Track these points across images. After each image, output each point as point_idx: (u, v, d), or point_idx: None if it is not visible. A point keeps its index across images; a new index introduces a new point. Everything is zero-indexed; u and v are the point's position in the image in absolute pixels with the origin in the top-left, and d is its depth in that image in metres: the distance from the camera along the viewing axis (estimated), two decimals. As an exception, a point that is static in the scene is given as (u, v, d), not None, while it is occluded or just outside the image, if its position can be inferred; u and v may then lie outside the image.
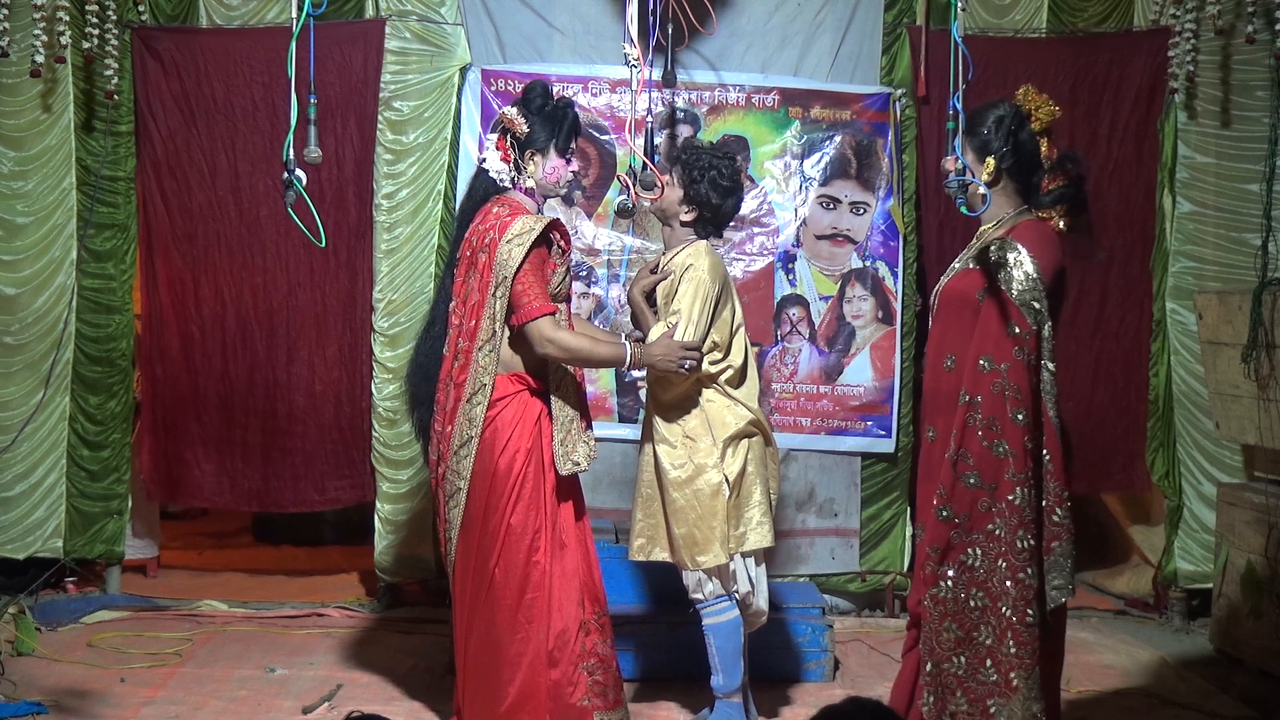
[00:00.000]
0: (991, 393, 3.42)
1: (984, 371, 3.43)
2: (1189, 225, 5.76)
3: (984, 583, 3.44)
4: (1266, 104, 5.63)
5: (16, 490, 5.63)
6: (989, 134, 3.60)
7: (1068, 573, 3.44)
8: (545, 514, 3.86)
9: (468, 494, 3.85)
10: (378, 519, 5.69)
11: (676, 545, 4.11)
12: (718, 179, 4.16)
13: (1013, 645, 3.42)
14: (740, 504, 4.11)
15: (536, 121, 3.92)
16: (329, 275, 5.71)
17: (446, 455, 3.88)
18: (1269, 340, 4.90)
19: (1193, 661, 5.18)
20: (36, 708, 4.34)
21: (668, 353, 3.98)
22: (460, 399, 3.84)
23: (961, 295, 3.57)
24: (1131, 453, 5.83)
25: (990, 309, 3.47)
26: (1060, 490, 3.44)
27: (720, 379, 4.15)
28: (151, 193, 5.70)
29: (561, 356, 3.83)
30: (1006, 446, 3.41)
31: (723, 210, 4.22)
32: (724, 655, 4.14)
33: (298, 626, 5.50)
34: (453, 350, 3.91)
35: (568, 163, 3.99)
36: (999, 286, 3.45)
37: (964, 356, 3.49)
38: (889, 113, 5.70)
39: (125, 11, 5.59)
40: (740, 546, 4.10)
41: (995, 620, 3.43)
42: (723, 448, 4.08)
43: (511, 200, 3.95)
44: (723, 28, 5.56)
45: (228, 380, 5.74)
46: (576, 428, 3.88)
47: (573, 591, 3.87)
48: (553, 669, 3.83)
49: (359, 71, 5.60)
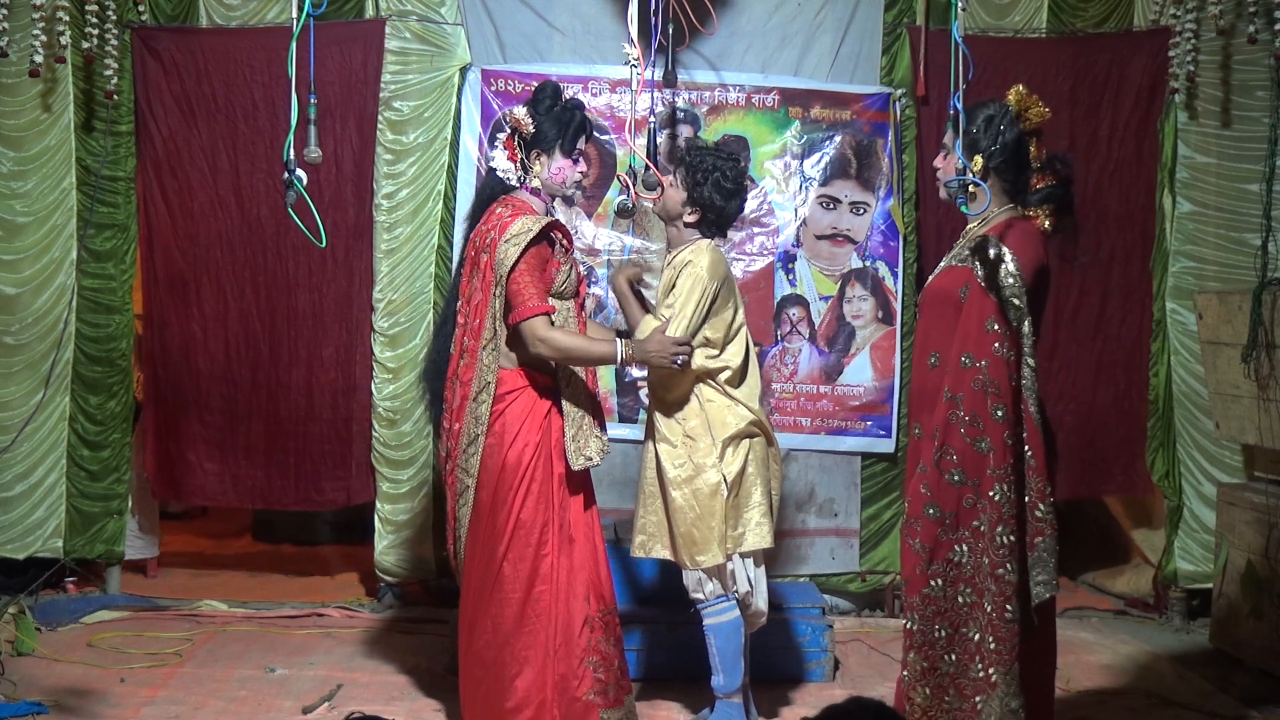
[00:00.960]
0: (973, 389, 3.42)
1: (965, 368, 3.43)
2: (1189, 225, 5.76)
3: (971, 579, 3.44)
4: (1266, 104, 5.63)
5: (16, 490, 5.63)
6: (977, 132, 3.63)
7: (1052, 568, 3.43)
8: (554, 509, 3.88)
9: (476, 490, 3.88)
10: (378, 519, 5.69)
11: (676, 544, 4.12)
12: (721, 181, 4.16)
13: (992, 641, 3.41)
14: (739, 504, 4.11)
15: (544, 122, 3.95)
16: (329, 275, 5.71)
17: (455, 453, 3.92)
18: (1269, 340, 4.90)
19: (1193, 661, 5.18)
20: (36, 708, 4.34)
21: (660, 349, 3.97)
22: (467, 397, 3.88)
23: (944, 293, 3.59)
24: (1133, 455, 5.82)
25: (971, 306, 3.48)
26: (1042, 486, 3.44)
27: (720, 378, 4.15)
28: (151, 193, 5.70)
29: (554, 355, 3.84)
30: (988, 442, 3.41)
31: (726, 212, 4.22)
32: (724, 655, 4.14)
33: (298, 626, 5.50)
34: (459, 348, 3.94)
35: (574, 163, 3.99)
36: (979, 284, 3.46)
37: (947, 354, 3.50)
38: (889, 113, 5.70)
39: (125, 11, 5.59)
40: (738, 547, 4.10)
41: (980, 616, 3.43)
42: (722, 448, 4.09)
43: (516, 200, 3.97)
44: (723, 28, 5.56)
45: (229, 380, 5.74)
46: (589, 423, 3.90)
47: (579, 586, 3.89)
48: (559, 663, 3.85)
49: (359, 71, 5.61)
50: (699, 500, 4.07)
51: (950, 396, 3.44)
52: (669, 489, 4.10)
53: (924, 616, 3.47)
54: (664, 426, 4.14)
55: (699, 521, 4.06)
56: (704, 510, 4.07)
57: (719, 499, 4.06)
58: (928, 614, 3.47)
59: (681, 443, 4.11)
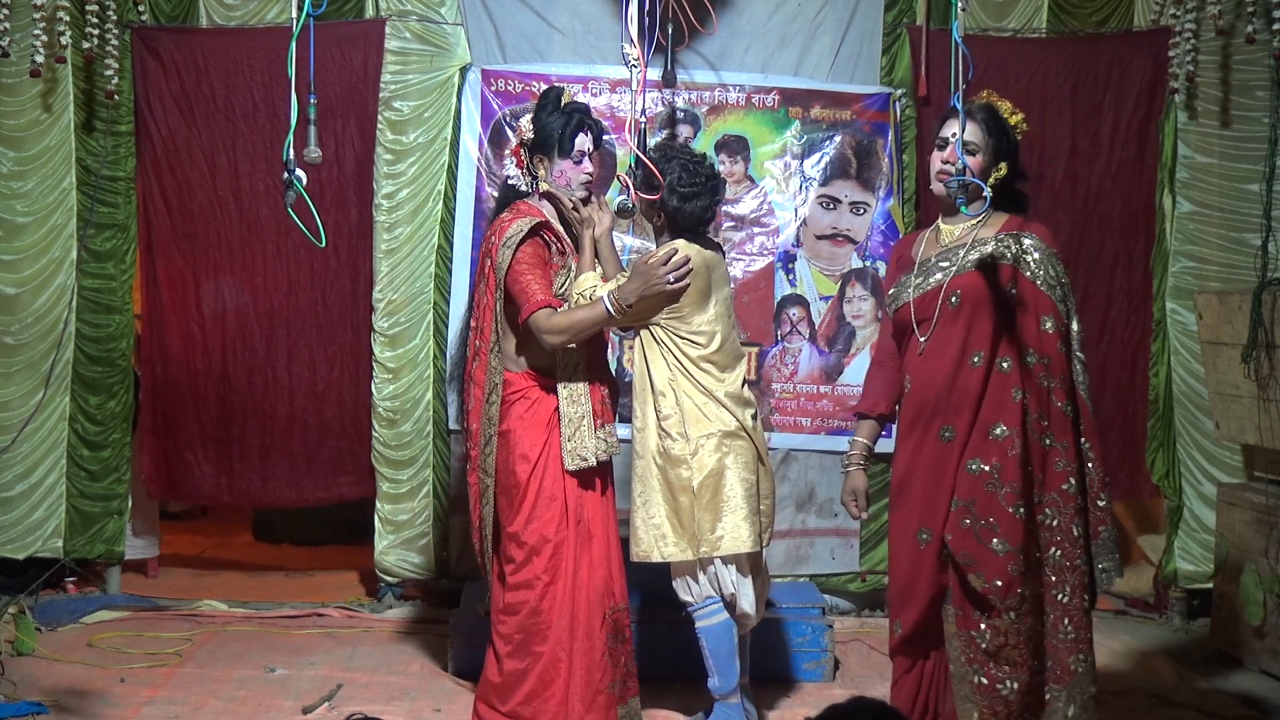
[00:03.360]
0: (1039, 387, 3.49)
1: (1030, 367, 3.49)
2: (1189, 225, 5.76)
3: (1037, 573, 3.50)
4: (1266, 104, 5.63)
5: (16, 490, 5.63)
6: (1007, 136, 3.65)
7: (1116, 556, 3.56)
8: (567, 507, 3.92)
9: (495, 489, 3.95)
10: (378, 519, 5.69)
11: (650, 535, 4.10)
12: (675, 184, 4.09)
13: (1071, 630, 3.50)
14: (717, 506, 4.05)
15: (543, 126, 3.98)
16: (329, 275, 5.71)
17: (475, 453, 4.00)
18: (1269, 340, 4.90)
19: (1193, 661, 5.18)
20: (36, 708, 4.34)
21: (645, 279, 3.91)
22: (481, 399, 3.96)
23: (984, 292, 3.54)
24: (1137, 459, 5.81)
25: (1026, 304, 3.52)
26: (1102, 476, 3.55)
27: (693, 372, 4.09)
28: (151, 193, 5.70)
29: (563, 339, 3.86)
30: (1054, 438, 3.49)
31: (684, 213, 4.12)
32: (717, 657, 4.13)
33: (298, 626, 5.49)
34: (471, 350, 4.02)
35: (576, 164, 4.00)
36: (1031, 282, 3.52)
37: (1000, 353, 3.50)
38: (889, 113, 5.70)
39: (125, 11, 5.59)
40: (715, 550, 4.06)
41: (1050, 608, 3.50)
42: (696, 445, 4.06)
43: (522, 205, 4.02)
44: (723, 28, 5.56)
45: (228, 380, 5.74)
46: (587, 424, 3.92)
47: (599, 582, 3.95)
48: (581, 656, 3.90)
49: (359, 71, 5.60)
50: (671, 495, 4.06)
51: (1021, 397, 3.47)
52: (646, 480, 4.09)
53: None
54: (640, 419, 4.12)
55: (672, 516, 4.06)
56: (675, 506, 4.05)
57: (689, 495, 4.04)
58: (1022, 611, 3.49)
59: (658, 435, 4.08)
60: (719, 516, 4.06)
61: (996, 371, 3.51)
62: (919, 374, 3.62)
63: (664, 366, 4.08)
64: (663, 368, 4.08)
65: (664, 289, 3.93)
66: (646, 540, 4.09)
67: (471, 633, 4.71)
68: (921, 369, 3.62)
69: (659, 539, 4.07)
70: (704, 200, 4.15)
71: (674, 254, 3.98)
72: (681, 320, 4.07)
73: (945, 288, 3.59)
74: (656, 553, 4.08)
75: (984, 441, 3.49)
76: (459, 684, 4.72)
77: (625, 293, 3.90)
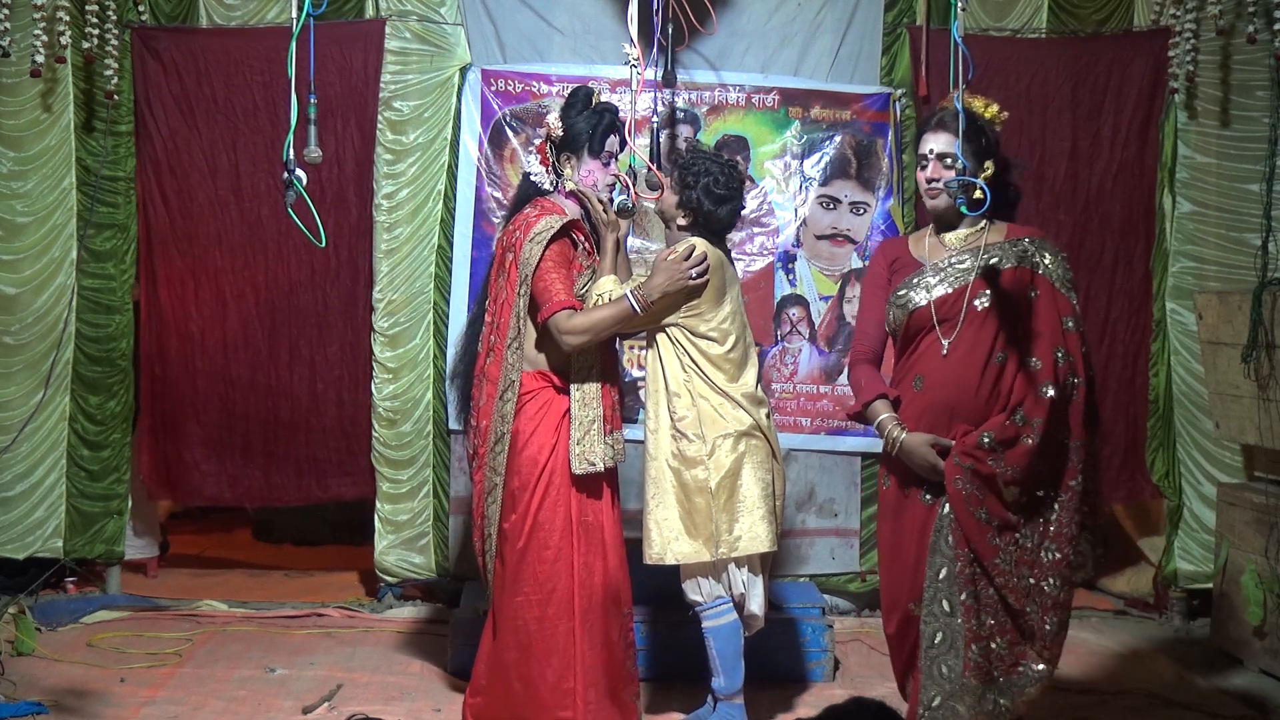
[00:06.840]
0: (1064, 383, 3.56)
1: (1060, 364, 3.54)
2: (1189, 225, 5.76)
3: (1033, 561, 3.56)
4: (1266, 104, 5.62)
5: (16, 490, 5.63)
6: (986, 135, 3.66)
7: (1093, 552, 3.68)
8: (573, 508, 3.93)
9: (503, 489, 3.94)
10: (378, 519, 5.69)
11: (653, 537, 4.09)
12: (712, 186, 4.12)
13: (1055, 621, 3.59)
14: (734, 506, 4.06)
15: (572, 125, 3.99)
16: (329, 275, 5.71)
17: (483, 451, 3.98)
18: (1269, 340, 4.91)
19: (1193, 661, 5.18)
20: (36, 708, 4.34)
21: (669, 274, 3.94)
22: (494, 395, 3.95)
23: (1011, 293, 3.60)
24: (1138, 461, 5.80)
25: (1048, 307, 3.58)
26: (1098, 476, 3.67)
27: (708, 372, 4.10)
28: (151, 193, 5.70)
29: (583, 340, 3.87)
30: (1069, 434, 3.56)
31: (716, 217, 4.16)
32: (724, 658, 4.13)
33: (298, 626, 5.50)
34: (485, 346, 4.01)
35: (605, 165, 4.02)
36: (1053, 285, 3.60)
37: (1031, 353, 3.55)
38: (889, 113, 5.70)
39: (125, 11, 5.59)
40: (733, 551, 4.07)
41: (1039, 597, 3.57)
42: (713, 446, 4.07)
43: (546, 202, 4.02)
44: (723, 28, 5.56)
45: (228, 380, 5.74)
46: (597, 429, 3.92)
47: (602, 586, 3.96)
48: (591, 654, 3.91)
49: (359, 71, 5.60)
50: (686, 495, 4.05)
51: (1051, 394, 3.52)
52: (660, 481, 4.08)
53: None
54: (654, 419, 4.12)
55: (686, 517, 4.05)
56: (690, 506, 4.05)
57: (705, 496, 4.04)
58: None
59: (672, 436, 4.08)
60: (736, 517, 4.06)
61: (1025, 371, 3.56)
62: (941, 376, 3.61)
63: (678, 368, 4.09)
64: (677, 369, 4.09)
65: (686, 284, 3.96)
66: (659, 543, 4.08)
67: (471, 633, 4.70)
68: (945, 371, 3.61)
69: (672, 541, 4.07)
70: (736, 204, 4.21)
71: (693, 249, 4.00)
72: (699, 318, 4.07)
73: (970, 289, 3.60)
74: (670, 555, 4.08)
75: (1005, 423, 3.55)
76: (459, 684, 4.72)
77: (649, 288, 3.93)
